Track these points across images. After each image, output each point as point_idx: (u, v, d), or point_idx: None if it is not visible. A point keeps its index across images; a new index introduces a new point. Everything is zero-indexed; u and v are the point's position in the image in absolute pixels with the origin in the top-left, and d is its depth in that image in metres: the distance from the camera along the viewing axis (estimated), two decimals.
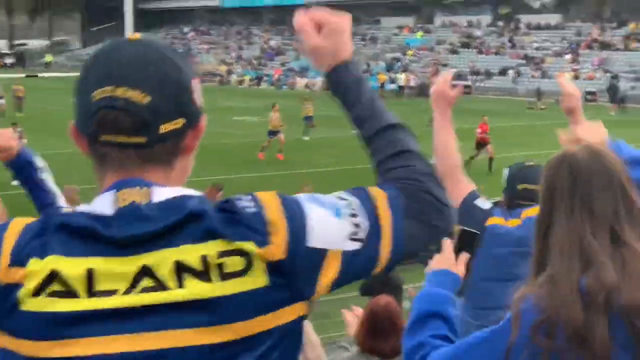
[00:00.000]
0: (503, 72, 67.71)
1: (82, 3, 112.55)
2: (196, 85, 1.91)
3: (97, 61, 1.86)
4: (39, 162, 3.93)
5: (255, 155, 31.87)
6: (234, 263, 1.79)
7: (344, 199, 1.95)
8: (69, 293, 1.76)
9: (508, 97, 62.28)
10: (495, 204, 4.67)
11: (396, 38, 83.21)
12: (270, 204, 1.89)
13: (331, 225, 1.88)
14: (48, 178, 3.92)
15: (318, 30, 2.15)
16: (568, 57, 66.79)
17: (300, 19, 2.15)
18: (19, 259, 1.79)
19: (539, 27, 74.37)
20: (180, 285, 1.77)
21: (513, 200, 4.71)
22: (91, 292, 1.76)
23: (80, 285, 1.76)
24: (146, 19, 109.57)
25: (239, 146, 34.72)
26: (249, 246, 1.80)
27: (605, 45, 66.50)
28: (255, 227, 1.83)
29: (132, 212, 1.79)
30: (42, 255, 1.78)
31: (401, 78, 66.45)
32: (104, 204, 1.82)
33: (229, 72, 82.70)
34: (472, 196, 4.51)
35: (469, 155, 27.02)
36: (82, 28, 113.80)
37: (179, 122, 1.84)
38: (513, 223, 4.58)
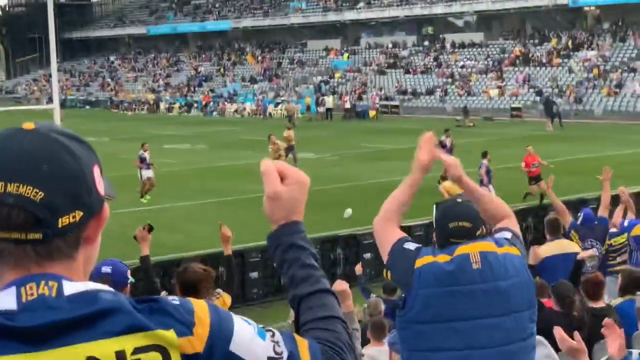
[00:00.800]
0: (430, 91, 68.46)
1: (5, 35, 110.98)
2: (97, 173, 1.84)
3: None
4: None
5: (188, 184, 31.63)
6: (151, 359, 1.73)
7: (269, 330, 1.96)
8: None
9: (436, 116, 62.93)
10: (418, 248, 4.63)
11: (323, 61, 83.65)
12: (198, 303, 1.87)
13: (255, 341, 1.88)
14: None
15: (281, 180, 2.24)
16: (492, 74, 67.83)
17: (267, 164, 2.25)
18: None
19: (463, 46, 75.42)
20: None
21: (445, 239, 4.66)
22: None
23: None
24: (72, 48, 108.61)
25: (171, 175, 34.37)
26: (169, 335, 1.75)
27: (528, 61, 67.67)
28: (178, 316, 1.79)
29: (41, 303, 1.72)
30: None
31: (328, 101, 66.74)
32: (6, 301, 1.73)
33: (157, 100, 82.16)
34: (402, 241, 4.61)
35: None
36: (7, 60, 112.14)
37: (77, 215, 1.77)
38: (443, 259, 4.54)
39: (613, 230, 12.59)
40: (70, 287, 1.76)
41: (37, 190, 1.73)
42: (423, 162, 4.75)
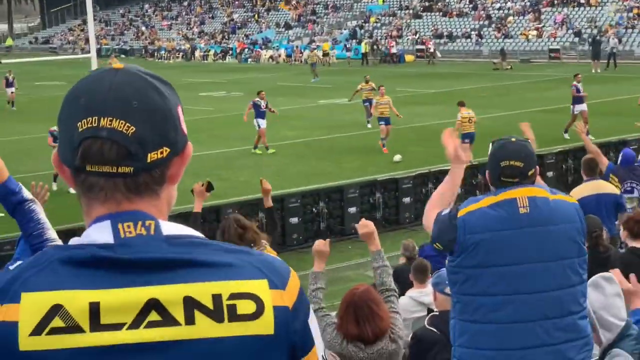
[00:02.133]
0: (467, 34, 67.76)
1: None
2: (180, 113, 1.90)
3: (80, 92, 1.81)
4: (27, 193, 4.02)
5: (223, 131, 31.71)
6: (246, 306, 1.78)
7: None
8: (73, 328, 1.68)
9: (473, 60, 62.40)
10: (454, 207, 4.66)
11: (358, 5, 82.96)
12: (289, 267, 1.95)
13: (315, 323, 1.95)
14: (37, 209, 4.01)
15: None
16: (530, 16, 66.93)
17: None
18: (9, 295, 1.70)
19: None
20: (191, 322, 1.74)
21: (497, 178, 4.63)
22: (96, 326, 1.69)
23: (85, 319, 1.69)
24: None
25: (208, 122, 34.48)
26: (262, 285, 1.81)
27: (566, 2, 66.67)
28: (274, 269, 1.85)
29: (140, 241, 1.76)
30: (38, 289, 1.70)
31: (362, 45, 66.32)
32: (102, 234, 1.77)
33: (192, 48, 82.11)
34: (439, 212, 4.69)
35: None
36: (42, 10, 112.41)
37: (164, 151, 1.81)
38: (488, 202, 4.53)
39: None
40: (167, 228, 1.80)
41: (129, 125, 1.77)
42: (451, 156, 4.88)
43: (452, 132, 4.98)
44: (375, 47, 66.17)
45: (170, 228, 1.80)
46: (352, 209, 17.71)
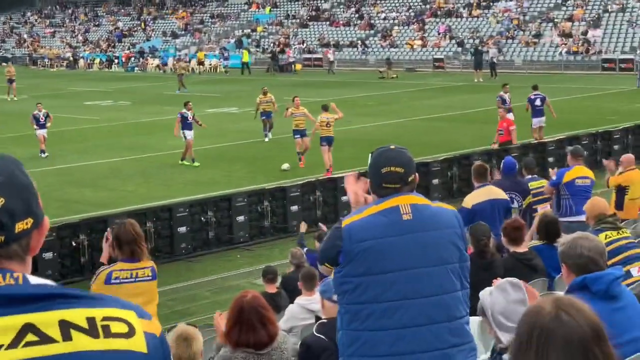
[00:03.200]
0: (353, 44, 68.43)
1: None
2: (36, 190, 2.11)
3: None
4: None
5: (109, 140, 31.24)
6: (119, 327, 1.97)
7: None
8: None
9: (359, 68, 63.09)
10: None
11: (245, 14, 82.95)
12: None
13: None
14: None
15: None
16: (414, 26, 68.08)
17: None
18: None
19: None
20: (68, 339, 1.91)
21: (378, 185, 4.67)
22: None
23: None
24: None
25: (94, 131, 33.88)
26: (130, 314, 2.01)
27: (450, 13, 68.06)
28: (140, 309, 2.06)
29: (9, 288, 1.95)
30: None
31: (243, 54, 66.14)
32: None
33: (76, 56, 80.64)
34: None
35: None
36: None
37: (29, 222, 2.03)
38: (371, 211, 4.58)
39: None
40: (34, 279, 2.00)
41: (0, 197, 1.99)
42: (354, 204, 4.84)
43: (356, 178, 4.96)
44: (272, 55, 65.67)
45: (38, 280, 2.00)
46: (241, 218, 17.68)
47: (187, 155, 25.87)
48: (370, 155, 4.74)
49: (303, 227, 13.64)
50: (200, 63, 68.42)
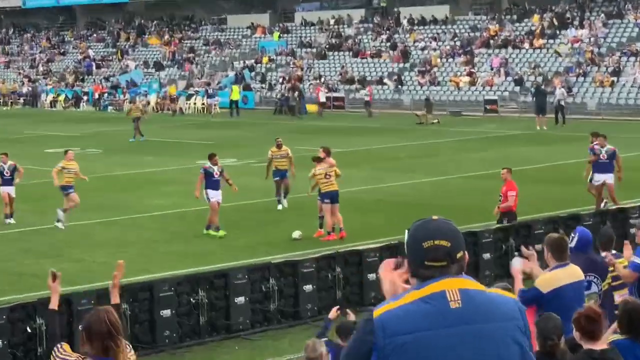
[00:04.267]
0: (383, 80, 68.64)
1: None
2: None
3: None
4: None
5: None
6: None
7: None
8: None
9: (391, 111, 63.21)
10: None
11: (248, 41, 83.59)
12: None
13: None
14: None
15: None
16: (461, 58, 68.31)
17: None
18: None
19: (423, 22, 75.92)
20: None
21: (419, 264, 4.68)
22: None
23: None
24: None
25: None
26: None
27: (505, 43, 68.32)
28: None
29: None
30: None
31: (233, 91, 67.03)
32: None
33: (36, 92, 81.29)
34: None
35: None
36: None
37: None
38: (410, 298, 4.59)
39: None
40: None
41: None
42: (388, 294, 4.87)
43: (396, 265, 4.97)
44: (296, 93, 65.77)
45: None
46: (240, 299, 17.66)
47: (212, 221, 25.38)
48: (406, 232, 4.77)
49: (334, 313, 13.43)
50: (172, 100, 69.42)
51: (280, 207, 28.63)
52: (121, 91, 77.00)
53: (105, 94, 76.83)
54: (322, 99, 65.00)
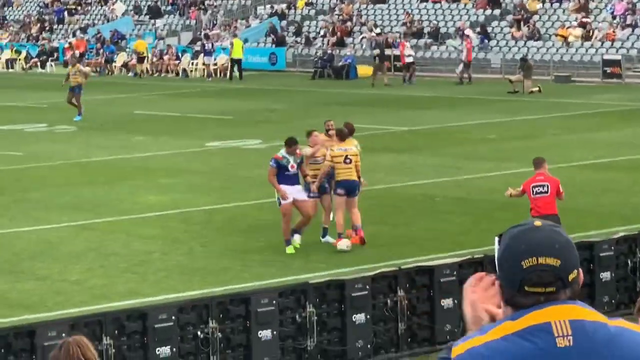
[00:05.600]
0: (462, 32, 68.39)
1: None
2: None
3: None
4: None
5: (41, 193, 31.55)
6: None
7: None
8: None
9: (474, 75, 62.91)
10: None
11: None
12: None
13: None
14: None
15: None
16: (571, 3, 67.83)
17: None
18: None
19: None
20: None
21: (517, 289, 4.66)
22: None
23: None
24: None
25: (13, 177, 34.25)
26: None
27: None
28: None
29: None
30: None
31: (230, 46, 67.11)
32: None
33: None
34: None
35: None
36: None
37: None
38: (500, 332, 4.58)
39: None
40: None
41: None
42: (471, 325, 4.89)
43: (486, 283, 4.94)
44: (380, 51, 64.36)
45: None
46: (266, 333, 17.72)
47: (296, 228, 24.73)
48: (496, 239, 4.74)
49: None
50: (141, 58, 71.04)
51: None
52: (109, 48, 76.94)
53: (87, 52, 76.74)
54: (408, 59, 63.52)
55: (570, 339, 4.49)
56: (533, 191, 21.88)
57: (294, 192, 24.55)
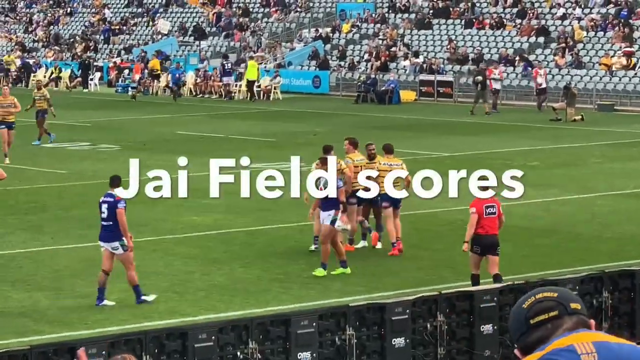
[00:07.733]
0: (507, 59, 68.22)
1: None
2: None
3: None
4: None
5: (84, 210, 31.63)
6: None
7: None
8: None
9: (513, 103, 62.72)
10: None
11: (322, 2, 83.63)
12: None
13: None
14: None
15: None
16: (614, 32, 67.66)
17: None
18: None
19: None
20: None
21: (527, 326, 4.89)
22: None
23: None
24: None
25: (54, 194, 34.35)
26: None
27: None
28: None
29: None
30: None
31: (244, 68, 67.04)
32: None
33: (29, 65, 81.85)
34: None
35: None
36: None
37: None
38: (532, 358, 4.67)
39: None
40: None
41: None
42: None
43: None
44: (482, 78, 62.35)
45: None
46: (305, 354, 17.67)
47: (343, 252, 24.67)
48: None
49: None
50: (155, 76, 71.95)
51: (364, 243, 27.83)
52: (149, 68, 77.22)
53: (126, 71, 76.99)
54: (542, 84, 61.67)
55: (595, 355, 4.58)
56: (486, 212, 22.01)
57: (325, 216, 24.40)
